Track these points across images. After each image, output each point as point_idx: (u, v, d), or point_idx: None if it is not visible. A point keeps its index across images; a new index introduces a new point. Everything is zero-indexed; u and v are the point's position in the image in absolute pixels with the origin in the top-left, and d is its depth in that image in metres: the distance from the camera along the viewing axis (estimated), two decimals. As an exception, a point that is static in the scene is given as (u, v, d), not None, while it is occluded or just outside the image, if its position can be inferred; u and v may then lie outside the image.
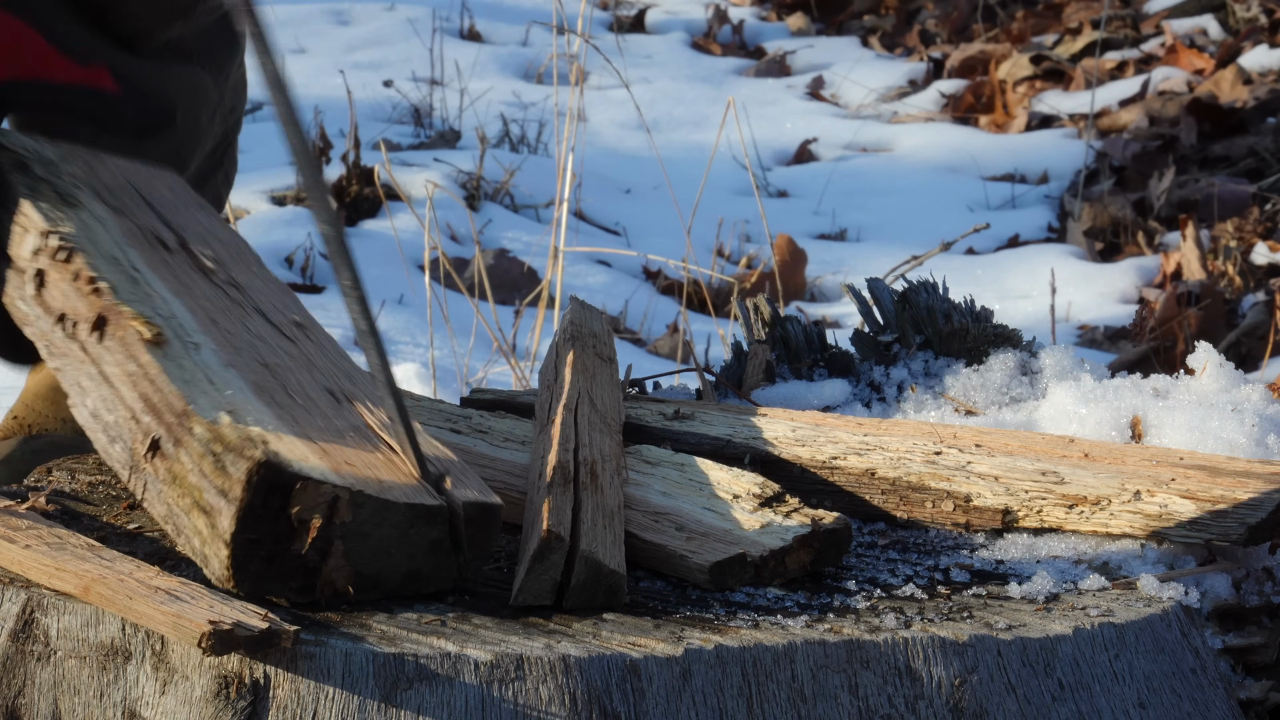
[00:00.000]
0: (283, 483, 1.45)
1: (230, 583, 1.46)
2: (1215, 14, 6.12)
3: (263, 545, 1.46)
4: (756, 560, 1.56)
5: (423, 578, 1.50)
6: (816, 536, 1.59)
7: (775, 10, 7.29)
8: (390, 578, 1.49)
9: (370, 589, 1.49)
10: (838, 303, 4.43)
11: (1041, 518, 1.70)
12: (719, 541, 1.58)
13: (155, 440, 1.52)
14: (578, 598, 1.49)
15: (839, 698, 1.45)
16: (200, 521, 1.48)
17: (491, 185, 4.86)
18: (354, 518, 1.47)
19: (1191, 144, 5.14)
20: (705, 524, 1.61)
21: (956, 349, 2.08)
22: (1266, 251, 4.33)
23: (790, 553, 1.58)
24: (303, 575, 1.47)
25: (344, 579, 1.48)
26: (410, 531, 1.49)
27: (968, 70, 6.20)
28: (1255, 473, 1.70)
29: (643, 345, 4.04)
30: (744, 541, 1.58)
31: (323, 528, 1.46)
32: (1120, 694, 1.53)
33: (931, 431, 1.83)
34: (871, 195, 5.25)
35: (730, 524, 1.61)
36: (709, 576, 1.55)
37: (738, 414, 1.94)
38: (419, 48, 6.32)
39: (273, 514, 1.45)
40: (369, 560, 1.48)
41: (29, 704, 1.49)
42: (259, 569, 1.46)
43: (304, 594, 1.47)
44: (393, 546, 1.49)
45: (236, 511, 1.45)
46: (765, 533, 1.59)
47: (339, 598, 1.49)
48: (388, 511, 1.48)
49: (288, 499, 1.45)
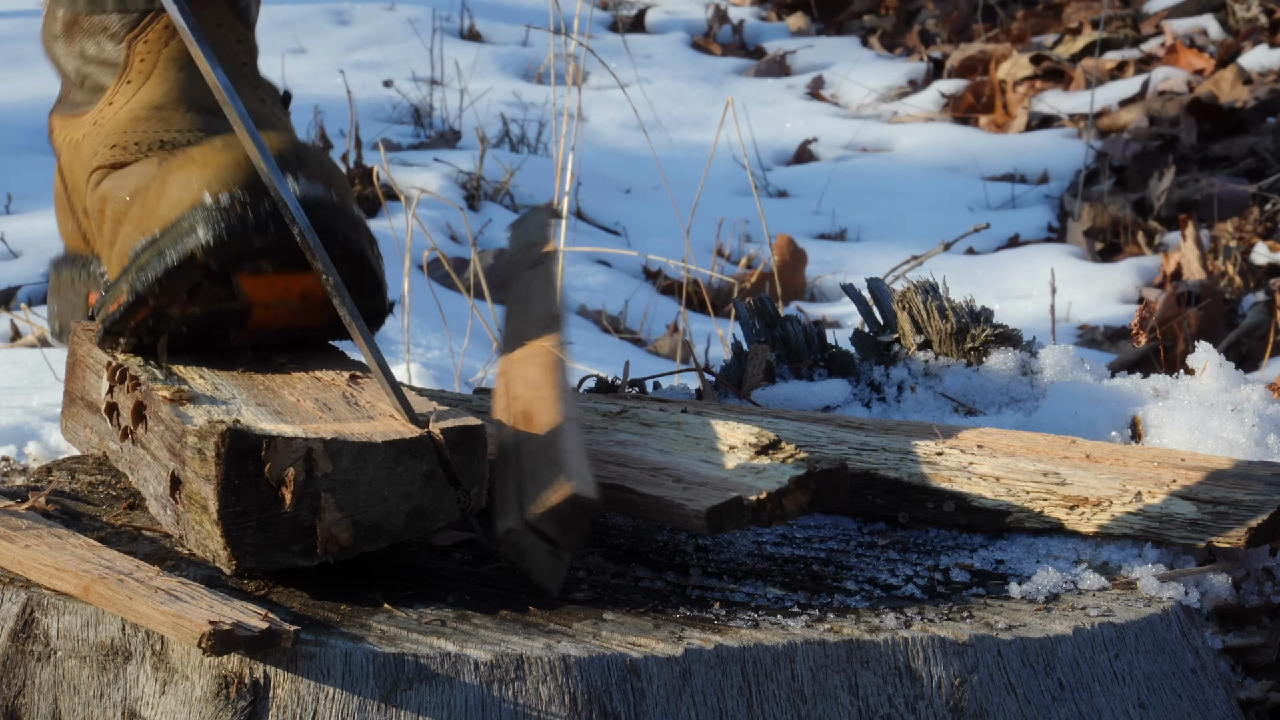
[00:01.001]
0: (250, 446, 1.46)
1: (232, 563, 1.47)
2: (1215, 14, 6.12)
3: (251, 515, 1.47)
4: (753, 504, 1.56)
5: (426, 515, 1.50)
6: (812, 477, 1.59)
7: (775, 10, 7.29)
8: (393, 521, 1.49)
9: (375, 537, 1.49)
10: (838, 303, 4.42)
11: (1043, 518, 1.70)
12: (715, 489, 1.58)
13: (174, 475, 1.54)
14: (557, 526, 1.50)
15: (839, 698, 1.45)
16: (204, 520, 1.49)
17: (491, 185, 4.86)
18: (335, 466, 1.47)
19: (1191, 144, 5.14)
20: (702, 474, 1.61)
21: (956, 349, 2.08)
22: (1266, 251, 4.33)
23: (787, 494, 1.57)
24: (301, 536, 1.48)
25: (344, 532, 1.48)
26: (398, 469, 1.49)
27: (968, 70, 6.20)
28: (1256, 474, 1.70)
29: (643, 345, 4.04)
30: (740, 486, 1.57)
31: (305, 482, 1.47)
32: (1120, 694, 1.53)
33: (933, 432, 1.83)
34: (871, 195, 5.25)
35: (727, 472, 1.61)
36: (706, 521, 1.54)
37: (740, 414, 1.94)
38: (419, 48, 6.32)
39: (250, 480, 1.46)
40: (364, 507, 1.48)
41: (29, 704, 1.49)
42: (255, 540, 1.47)
43: (308, 555, 1.48)
44: (385, 488, 1.49)
45: (216, 489, 1.46)
46: (762, 477, 1.59)
47: (346, 552, 1.49)
48: (368, 453, 1.48)
49: (260, 462, 1.46)
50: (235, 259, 1.67)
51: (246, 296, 1.69)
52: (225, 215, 1.66)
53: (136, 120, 1.85)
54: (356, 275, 1.71)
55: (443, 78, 5.94)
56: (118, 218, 1.79)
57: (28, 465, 1.95)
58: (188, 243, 1.66)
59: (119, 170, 1.83)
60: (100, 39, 1.91)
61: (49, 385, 2.95)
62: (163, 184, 1.71)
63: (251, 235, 1.66)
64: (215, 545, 1.48)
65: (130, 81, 1.88)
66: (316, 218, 1.67)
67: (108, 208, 1.81)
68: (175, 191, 1.69)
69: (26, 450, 2.22)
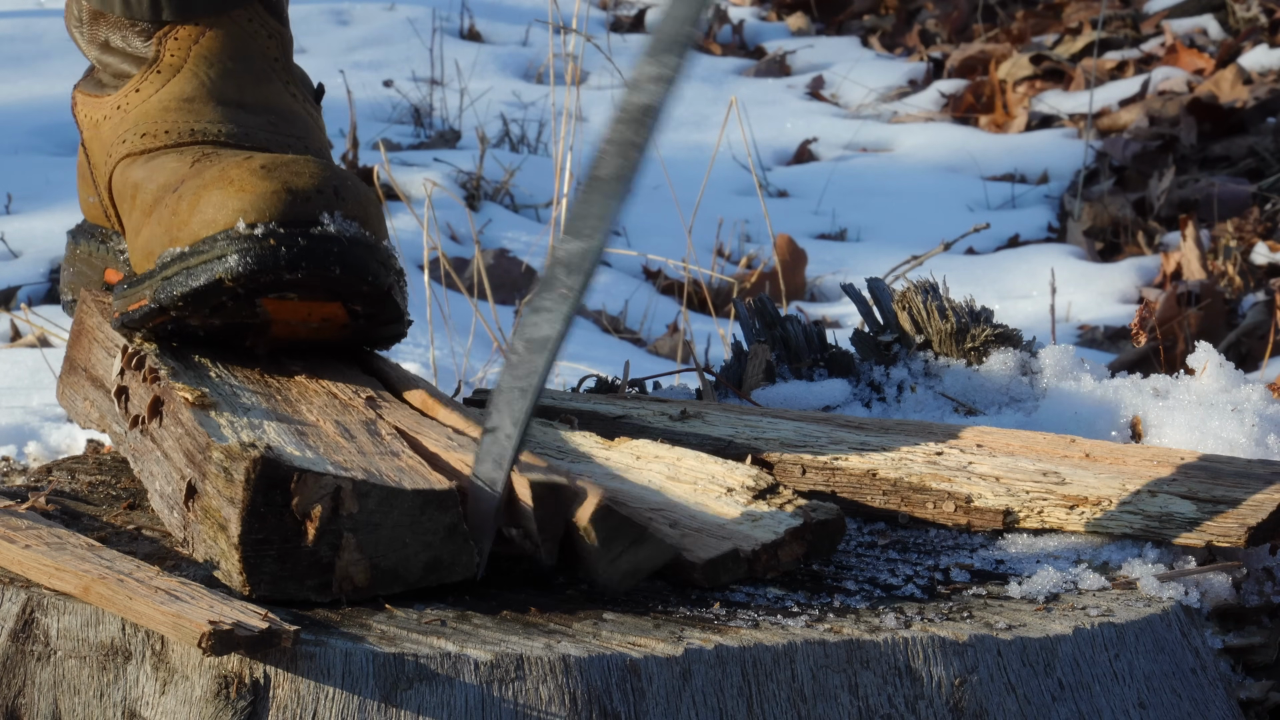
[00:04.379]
0: (281, 477, 1.46)
1: (246, 588, 1.47)
2: (1215, 14, 6.12)
3: (272, 545, 1.46)
4: (749, 555, 1.56)
5: (443, 566, 1.50)
6: (808, 529, 1.59)
7: (775, 10, 7.29)
8: (410, 569, 1.49)
9: (390, 582, 1.49)
10: (838, 303, 4.42)
11: (1042, 518, 1.70)
12: (712, 537, 1.58)
13: (191, 484, 1.53)
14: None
15: (839, 698, 1.45)
16: (220, 539, 1.49)
17: (491, 185, 4.86)
18: (361, 508, 1.47)
19: (1191, 144, 5.14)
20: (699, 519, 1.61)
21: (956, 349, 2.08)
22: (1266, 251, 4.33)
23: (782, 546, 1.58)
24: (318, 572, 1.47)
25: (361, 573, 1.48)
26: (422, 518, 1.49)
27: (968, 70, 6.20)
28: (1255, 474, 1.70)
29: (643, 345, 4.04)
30: (736, 536, 1.57)
31: (329, 519, 1.46)
32: (1120, 694, 1.53)
33: (933, 432, 1.83)
34: (871, 195, 5.25)
35: (724, 519, 1.61)
36: (703, 574, 1.55)
37: (741, 414, 1.94)
38: (419, 48, 6.32)
39: (276, 510, 1.46)
40: (384, 552, 1.48)
41: (29, 704, 1.49)
42: (272, 569, 1.47)
43: (322, 592, 1.48)
44: (406, 535, 1.48)
45: (240, 513, 1.45)
46: (758, 526, 1.59)
47: (360, 593, 1.48)
48: (395, 499, 1.48)
49: (289, 494, 1.46)
50: (263, 288, 1.68)
51: (268, 315, 1.70)
52: (259, 246, 1.66)
53: (166, 110, 1.85)
54: (379, 308, 1.72)
55: (443, 78, 5.94)
56: (146, 209, 1.79)
57: (28, 465, 1.95)
58: (217, 268, 1.67)
59: (149, 158, 1.83)
60: (128, 33, 1.90)
61: (49, 385, 2.95)
62: (197, 197, 1.71)
63: (283, 270, 1.66)
64: (230, 567, 1.48)
65: (160, 72, 1.88)
66: (350, 256, 1.68)
67: (138, 196, 1.81)
68: (210, 210, 1.69)
69: (26, 450, 2.22)
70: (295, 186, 1.68)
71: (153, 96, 1.86)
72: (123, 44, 1.91)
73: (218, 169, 1.73)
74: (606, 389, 2.14)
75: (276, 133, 1.86)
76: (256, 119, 1.85)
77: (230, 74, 1.87)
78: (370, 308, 1.71)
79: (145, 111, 1.86)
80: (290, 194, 1.67)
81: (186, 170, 1.77)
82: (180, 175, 1.77)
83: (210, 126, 1.83)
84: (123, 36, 1.90)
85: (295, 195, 1.68)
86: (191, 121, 1.84)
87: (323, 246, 1.67)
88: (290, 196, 1.67)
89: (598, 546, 1.49)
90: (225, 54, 1.88)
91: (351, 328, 1.74)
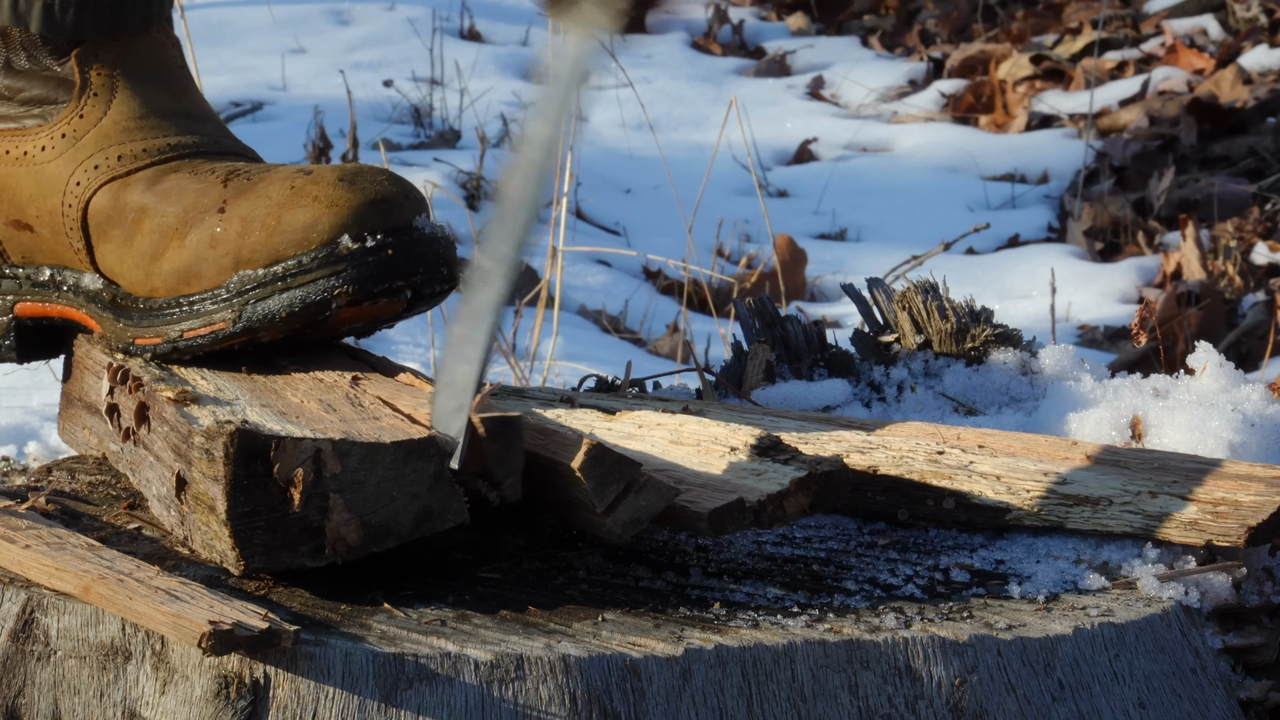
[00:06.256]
0: (260, 446, 1.47)
1: (240, 563, 1.47)
2: (1215, 14, 6.12)
3: (260, 516, 1.47)
4: (754, 505, 1.56)
5: (434, 516, 1.51)
6: (813, 479, 1.59)
7: (775, 10, 7.29)
8: (401, 522, 1.50)
9: (383, 538, 1.50)
10: (838, 303, 4.42)
11: (1043, 518, 1.70)
12: (716, 490, 1.58)
13: (180, 476, 1.54)
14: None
15: (839, 697, 1.45)
16: (211, 521, 1.49)
17: (491, 185, 4.86)
18: (344, 467, 1.48)
19: (1191, 144, 5.14)
20: (703, 476, 1.62)
21: (956, 349, 2.08)
22: (1266, 251, 4.33)
23: (788, 496, 1.58)
24: (310, 537, 1.48)
25: (353, 532, 1.49)
26: (406, 470, 1.49)
27: (968, 70, 6.20)
28: (1256, 475, 1.70)
29: (643, 345, 4.04)
30: (741, 489, 1.58)
31: (314, 483, 1.47)
32: (1120, 694, 1.53)
33: (934, 432, 1.83)
34: (871, 195, 5.25)
35: (728, 474, 1.62)
36: (708, 523, 1.55)
37: (741, 414, 1.94)
38: (419, 48, 6.32)
39: (260, 481, 1.47)
40: (373, 508, 1.49)
41: (29, 704, 1.49)
42: (263, 540, 1.47)
43: (316, 556, 1.48)
44: (393, 489, 1.49)
45: (225, 489, 1.46)
46: (762, 479, 1.59)
47: (354, 552, 1.49)
48: (377, 454, 1.49)
49: (269, 463, 1.46)
50: (373, 296, 1.70)
51: (334, 321, 1.71)
52: (373, 256, 1.69)
53: (128, 130, 1.83)
54: (443, 296, 1.75)
55: (443, 78, 5.94)
56: (166, 232, 1.76)
57: (28, 465, 1.95)
58: (332, 283, 1.68)
59: (149, 180, 1.81)
60: (36, 52, 1.86)
61: (49, 385, 2.95)
62: (275, 217, 1.71)
63: (398, 276, 1.69)
64: (223, 546, 1.48)
65: (97, 95, 1.85)
66: (449, 254, 1.73)
67: (146, 220, 1.78)
68: (297, 230, 1.69)
69: (26, 450, 2.22)
70: (383, 195, 1.71)
71: (104, 119, 1.84)
72: (29, 64, 1.87)
73: (280, 187, 1.73)
74: (606, 389, 2.14)
75: (224, 136, 1.87)
76: (206, 125, 1.86)
77: (165, 88, 1.86)
78: (439, 297, 1.74)
79: (104, 134, 1.83)
80: (385, 203, 1.70)
81: (222, 190, 1.76)
82: (216, 196, 1.75)
83: (182, 139, 1.83)
84: (29, 56, 1.87)
85: (388, 204, 1.70)
86: (161, 137, 1.83)
87: (430, 249, 1.71)
88: (385, 205, 1.70)
89: (593, 492, 1.50)
90: (151, 69, 1.87)
91: (402, 314, 1.77)
